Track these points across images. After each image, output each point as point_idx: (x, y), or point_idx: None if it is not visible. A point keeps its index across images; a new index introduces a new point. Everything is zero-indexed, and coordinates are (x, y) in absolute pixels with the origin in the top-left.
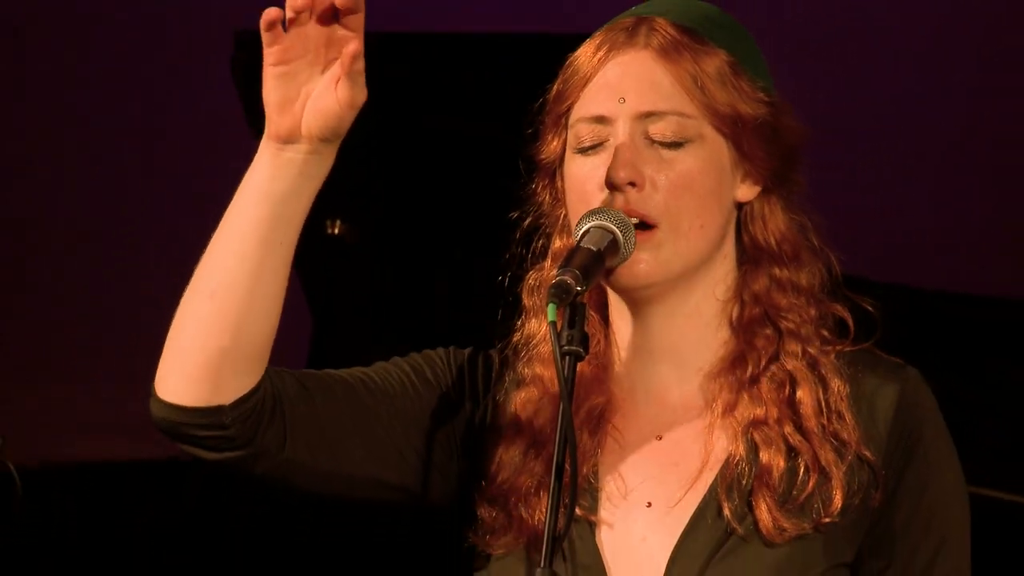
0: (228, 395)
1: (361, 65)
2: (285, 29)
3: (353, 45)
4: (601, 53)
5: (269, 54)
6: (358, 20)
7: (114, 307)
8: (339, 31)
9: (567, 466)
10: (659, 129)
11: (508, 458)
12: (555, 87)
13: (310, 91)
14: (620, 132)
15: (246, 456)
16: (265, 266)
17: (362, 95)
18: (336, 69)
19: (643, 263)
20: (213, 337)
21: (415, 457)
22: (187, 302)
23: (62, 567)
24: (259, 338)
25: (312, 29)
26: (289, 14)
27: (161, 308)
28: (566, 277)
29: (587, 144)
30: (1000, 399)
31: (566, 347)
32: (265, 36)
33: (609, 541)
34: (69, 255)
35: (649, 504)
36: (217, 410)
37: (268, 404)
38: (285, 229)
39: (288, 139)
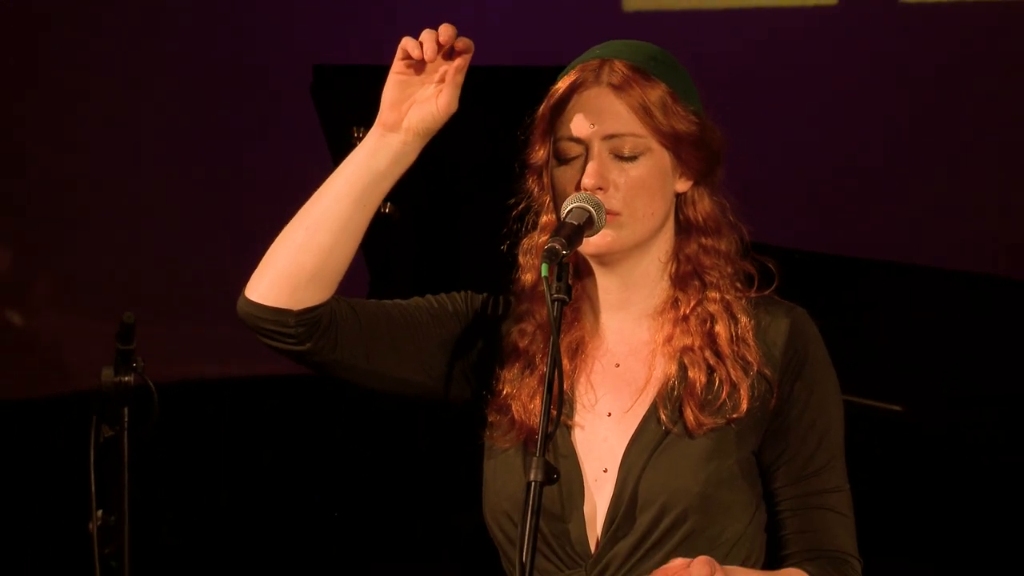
0: (297, 304)
1: (461, 79)
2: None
3: (459, 62)
4: (575, 86)
5: (398, 66)
6: (467, 46)
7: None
8: (449, 57)
9: (555, 383)
10: (618, 146)
11: (510, 375)
12: (541, 109)
13: (416, 97)
14: (592, 149)
15: (303, 352)
16: (351, 218)
17: (455, 105)
18: (440, 83)
19: (609, 237)
20: (300, 258)
21: (436, 366)
22: (288, 230)
23: (196, 470)
24: (333, 269)
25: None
26: (428, 56)
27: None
28: (555, 244)
29: (567, 157)
30: (859, 328)
31: (556, 295)
32: (400, 52)
33: (581, 439)
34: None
35: (609, 414)
36: (285, 312)
37: (326, 319)
38: (371, 195)
39: (392, 128)
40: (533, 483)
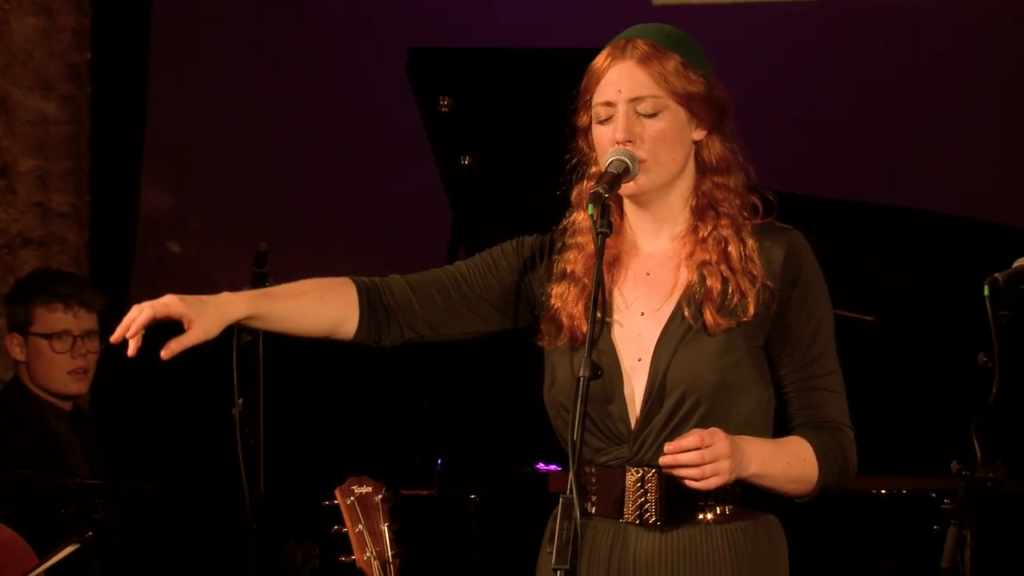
0: (348, 336)
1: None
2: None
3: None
4: (607, 63)
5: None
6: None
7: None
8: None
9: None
10: (642, 107)
11: (559, 291)
12: (583, 82)
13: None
14: (620, 110)
15: (386, 344)
16: (290, 329)
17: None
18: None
19: (642, 179)
20: (304, 333)
21: (495, 312)
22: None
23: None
24: (320, 331)
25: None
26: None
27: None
28: (599, 188)
29: (603, 118)
30: (841, 249)
31: (600, 229)
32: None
33: (619, 334)
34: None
35: (642, 313)
36: (349, 339)
37: (382, 319)
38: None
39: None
40: (581, 378)
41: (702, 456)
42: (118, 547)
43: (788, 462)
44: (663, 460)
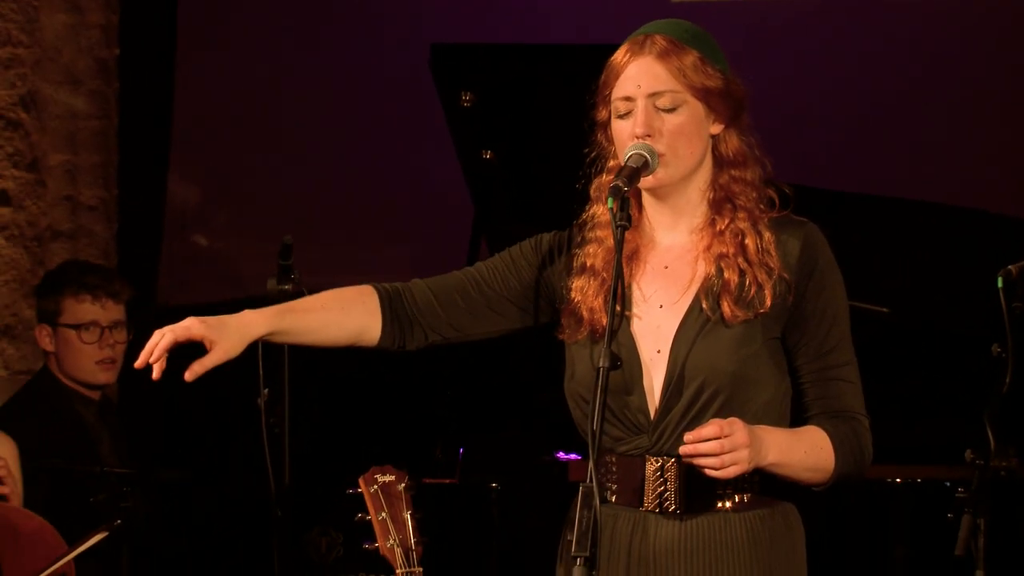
0: (372, 343)
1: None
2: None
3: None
4: (626, 58)
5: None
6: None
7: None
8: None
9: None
10: (660, 101)
11: (579, 284)
12: (602, 77)
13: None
14: (640, 105)
15: (410, 348)
16: (310, 341)
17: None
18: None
19: (660, 173)
20: (328, 344)
21: (515, 311)
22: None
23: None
24: (344, 341)
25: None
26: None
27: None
28: (619, 182)
29: (622, 113)
30: (856, 242)
31: (620, 222)
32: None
33: (638, 327)
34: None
35: (661, 306)
36: (374, 346)
37: (405, 324)
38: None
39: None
40: (601, 368)
41: (721, 446)
42: (146, 535)
43: (805, 451)
44: (683, 449)
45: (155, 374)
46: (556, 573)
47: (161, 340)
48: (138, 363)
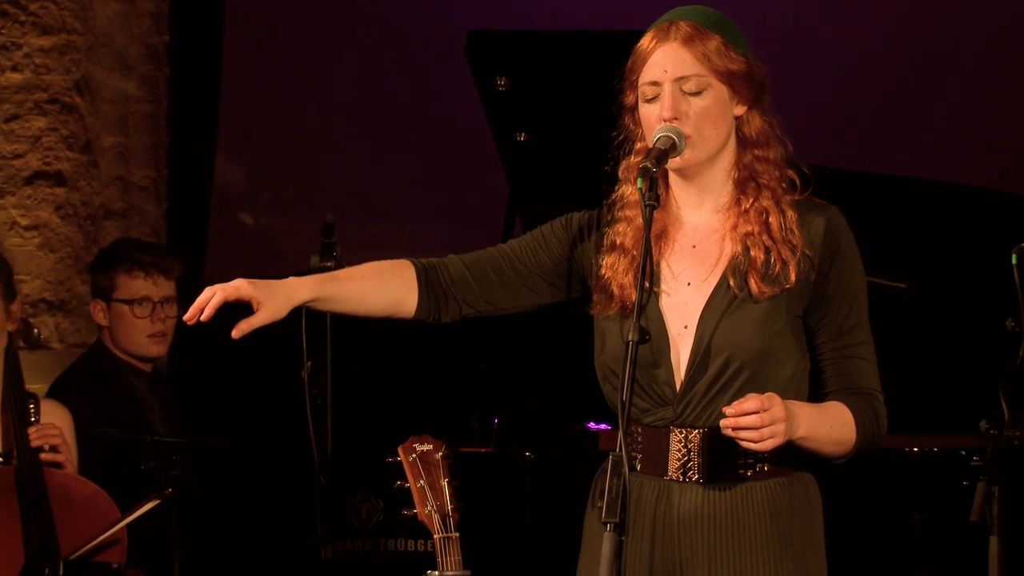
0: (409, 314)
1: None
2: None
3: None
4: (652, 44)
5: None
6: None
7: None
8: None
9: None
10: (687, 85)
11: (609, 262)
12: (629, 63)
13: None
14: (667, 89)
15: (445, 321)
16: (354, 309)
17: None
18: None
19: (687, 154)
20: (367, 313)
21: (547, 286)
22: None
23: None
24: (382, 311)
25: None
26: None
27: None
28: (647, 163)
29: (649, 97)
30: (876, 220)
31: (648, 202)
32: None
33: (666, 303)
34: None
35: (688, 283)
36: (405, 319)
37: (441, 297)
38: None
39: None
40: (630, 342)
41: (761, 419)
42: (194, 501)
43: (831, 425)
44: (724, 423)
45: (205, 316)
46: (585, 519)
47: (212, 298)
48: (187, 316)
